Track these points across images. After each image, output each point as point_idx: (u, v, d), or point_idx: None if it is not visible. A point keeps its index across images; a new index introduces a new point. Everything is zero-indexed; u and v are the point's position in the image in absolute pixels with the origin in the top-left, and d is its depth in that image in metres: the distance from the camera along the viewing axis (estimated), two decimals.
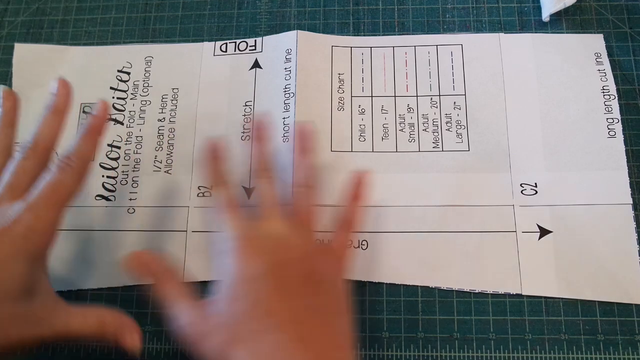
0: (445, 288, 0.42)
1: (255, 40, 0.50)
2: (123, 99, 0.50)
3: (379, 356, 0.42)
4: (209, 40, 0.51)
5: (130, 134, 0.49)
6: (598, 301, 0.41)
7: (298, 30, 0.49)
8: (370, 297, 0.43)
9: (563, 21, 0.48)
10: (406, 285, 0.43)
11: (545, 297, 0.42)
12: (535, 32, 0.48)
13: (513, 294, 0.42)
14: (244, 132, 0.47)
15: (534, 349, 0.41)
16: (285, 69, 0.48)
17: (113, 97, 0.50)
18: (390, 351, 0.42)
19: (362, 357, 0.42)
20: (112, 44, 0.52)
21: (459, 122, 0.46)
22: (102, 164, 0.48)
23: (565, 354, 0.41)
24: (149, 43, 0.51)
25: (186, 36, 0.51)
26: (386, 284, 0.43)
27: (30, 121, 0.49)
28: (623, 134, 0.45)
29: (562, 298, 0.41)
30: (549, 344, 0.41)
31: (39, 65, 0.51)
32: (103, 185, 0.47)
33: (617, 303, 0.41)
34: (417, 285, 0.43)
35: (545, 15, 0.47)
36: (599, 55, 0.46)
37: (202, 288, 0.44)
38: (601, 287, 0.41)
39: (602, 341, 0.41)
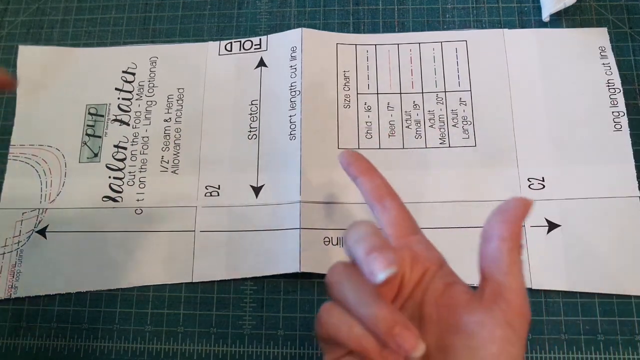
0: None
1: (260, 39, 0.50)
2: (128, 99, 0.49)
3: None
4: (209, 40, 0.51)
5: (137, 134, 0.48)
6: (598, 301, 0.42)
7: (303, 28, 0.49)
8: None
9: (563, 21, 0.48)
10: None
11: (545, 298, 0.42)
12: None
13: None
14: (250, 131, 0.47)
15: (533, 348, 0.41)
16: (291, 66, 0.48)
17: (118, 98, 0.49)
18: None
19: None
20: (112, 44, 0.52)
21: (465, 117, 0.46)
22: (108, 165, 0.48)
23: (565, 354, 0.41)
24: (149, 43, 0.51)
25: (186, 36, 0.51)
26: None
27: (36, 123, 0.49)
28: None
29: (565, 294, 0.42)
30: (549, 344, 0.41)
31: (44, 67, 0.51)
32: (110, 187, 0.47)
33: (617, 303, 0.42)
34: None
35: (545, 15, 0.48)
36: (603, 49, 0.47)
37: (210, 288, 0.44)
38: (611, 280, 0.42)
39: (602, 341, 0.41)
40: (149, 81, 0.50)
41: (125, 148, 0.48)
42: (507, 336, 0.25)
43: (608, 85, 0.46)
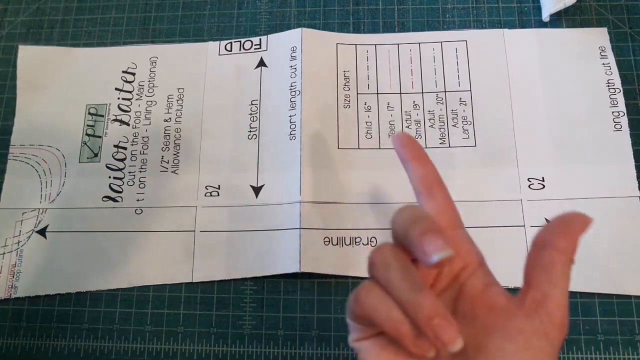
0: None
1: (260, 39, 0.50)
2: (128, 99, 0.49)
3: None
4: (209, 40, 0.51)
5: (137, 134, 0.48)
6: (598, 301, 0.42)
7: (303, 28, 0.49)
8: None
9: (563, 21, 0.48)
10: None
11: None
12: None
13: (515, 293, 0.42)
14: (250, 131, 0.47)
15: None
16: (291, 66, 0.48)
17: (118, 98, 0.49)
18: None
19: None
20: (112, 44, 0.52)
21: (465, 117, 0.46)
22: (108, 165, 0.48)
23: (566, 354, 0.41)
24: (149, 43, 0.51)
25: (186, 36, 0.51)
26: None
27: (36, 123, 0.49)
28: None
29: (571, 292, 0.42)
30: None
31: (44, 67, 0.51)
32: (110, 187, 0.47)
33: (617, 303, 0.42)
34: None
35: (545, 15, 0.48)
36: (603, 49, 0.47)
37: (210, 288, 0.44)
38: (611, 280, 0.42)
39: (602, 341, 0.41)
40: (149, 81, 0.50)
41: (125, 148, 0.48)
42: (543, 347, 0.25)
43: (608, 85, 0.46)
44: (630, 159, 0.44)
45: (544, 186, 0.44)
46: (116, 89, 0.50)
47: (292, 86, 0.47)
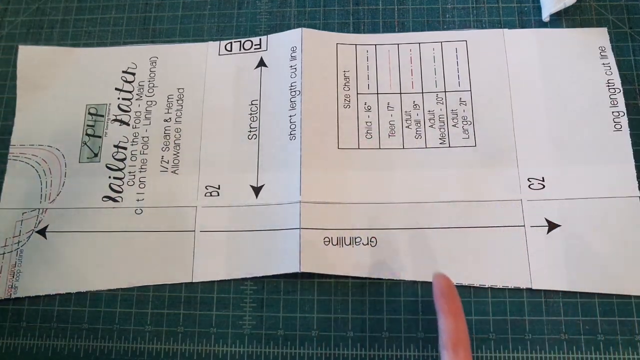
0: (455, 284, 0.42)
1: (260, 39, 0.50)
2: (128, 99, 0.49)
3: (379, 356, 0.42)
4: (209, 40, 0.51)
5: (137, 134, 0.48)
6: (598, 301, 0.42)
7: (303, 28, 0.48)
8: (370, 297, 0.43)
9: (563, 21, 0.48)
10: (407, 283, 0.43)
11: (545, 298, 0.42)
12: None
13: (515, 293, 0.42)
14: (250, 131, 0.47)
15: (534, 349, 0.41)
16: (291, 66, 0.48)
17: (118, 98, 0.49)
18: (390, 351, 0.42)
19: (362, 357, 0.42)
20: (112, 44, 0.52)
21: (465, 117, 0.46)
22: (108, 165, 0.48)
23: (565, 354, 0.41)
24: (149, 43, 0.51)
25: (186, 36, 0.51)
26: (386, 283, 0.43)
27: (36, 123, 0.49)
28: None
29: (565, 294, 0.42)
30: (549, 344, 0.41)
31: (44, 67, 0.51)
32: (110, 186, 0.47)
33: (617, 303, 0.42)
34: (419, 284, 0.43)
35: (545, 15, 0.48)
36: (603, 49, 0.47)
37: (210, 288, 0.44)
38: (611, 280, 0.42)
39: (602, 341, 0.41)
40: (149, 81, 0.50)
41: (125, 148, 0.48)
42: None
43: (608, 85, 0.46)
44: (630, 159, 0.44)
45: (544, 186, 0.44)
46: (116, 89, 0.50)
47: (292, 86, 0.47)
